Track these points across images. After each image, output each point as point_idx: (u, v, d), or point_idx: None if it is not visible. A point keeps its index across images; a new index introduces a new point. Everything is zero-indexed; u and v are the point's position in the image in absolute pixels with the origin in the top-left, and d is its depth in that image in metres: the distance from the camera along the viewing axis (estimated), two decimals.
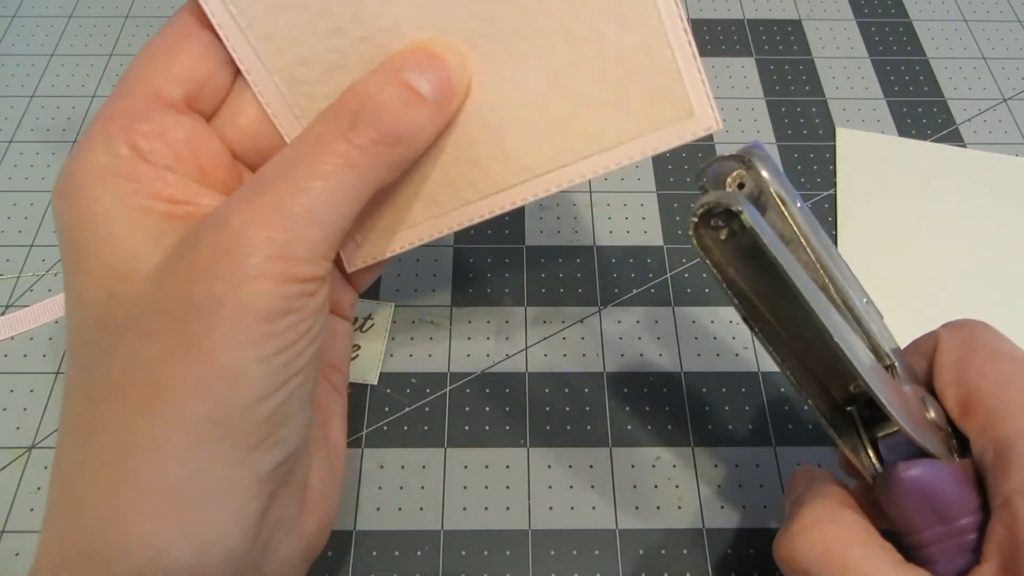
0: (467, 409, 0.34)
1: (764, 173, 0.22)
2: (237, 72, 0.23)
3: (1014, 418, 0.22)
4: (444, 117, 0.22)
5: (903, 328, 0.26)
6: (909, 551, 0.22)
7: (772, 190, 0.22)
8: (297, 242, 0.19)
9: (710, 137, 0.41)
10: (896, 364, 0.24)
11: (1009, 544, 0.20)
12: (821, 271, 0.22)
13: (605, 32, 0.21)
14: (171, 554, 0.19)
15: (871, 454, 0.23)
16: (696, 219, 0.21)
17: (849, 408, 0.24)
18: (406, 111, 0.21)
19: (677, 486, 0.32)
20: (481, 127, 0.23)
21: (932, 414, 0.23)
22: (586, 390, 0.34)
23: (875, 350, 0.24)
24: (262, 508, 0.20)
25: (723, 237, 0.21)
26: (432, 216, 0.24)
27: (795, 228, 0.22)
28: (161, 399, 0.19)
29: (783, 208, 0.22)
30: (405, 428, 0.33)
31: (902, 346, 0.26)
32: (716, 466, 0.32)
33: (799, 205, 0.22)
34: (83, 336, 0.21)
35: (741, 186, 0.22)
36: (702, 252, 0.21)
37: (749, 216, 0.20)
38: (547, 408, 0.34)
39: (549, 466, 0.32)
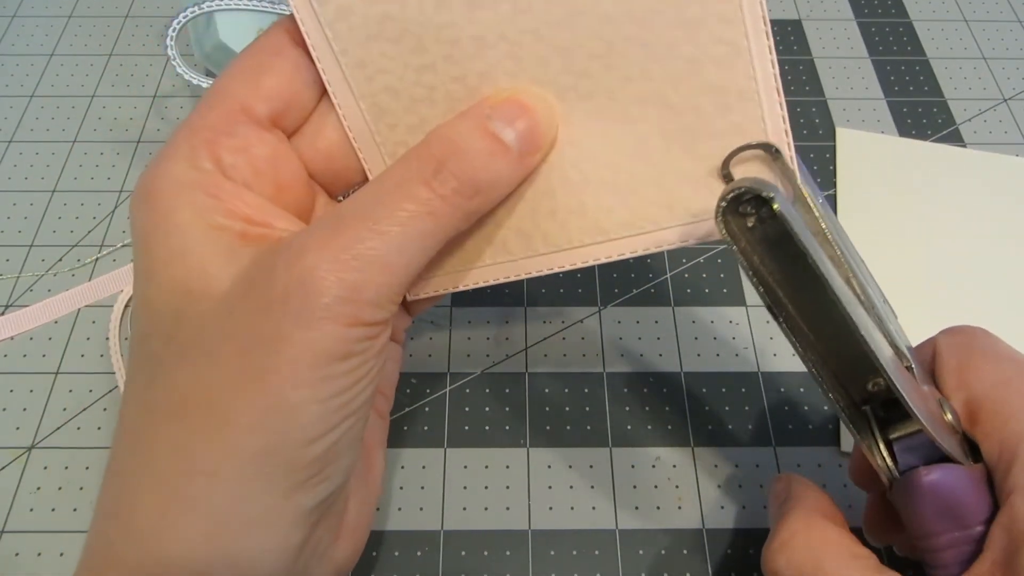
0: (467, 409, 0.34)
1: (792, 165, 0.21)
2: (323, 93, 0.23)
3: (1016, 420, 0.22)
4: (526, 169, 0.22)
5: (903, 327, 0.26)
6: (922, 555, 0.22)
7: (798, 181, 0.21)
8: (368, 286, 0.19)
9: None
10: (913, 365, 0.23)
11: (1006, 540, 0.21)
12: (845, 267, 0.22)
13: (704, 109, 0.21)
14: None
15: (885, 455, 0.23)
16: (725, 203, 0.20)
17: (863, 407, 0.23)
18: (489, 161, 0.21)
19: (677, 486, 0.32)
20: (562, 181, 0.22)
21: (949, 416, 0.23)
22: (586, 390, 0.34)
23: (895, 349, 0.23)
24: (302, 539, 0.21)
25: (750, 224, 0.20)
26: (500, 261, 0.24)
27: (821, 223, 0.21)
28: (220, 427, 0.19)
29: (809, 201, 0.21)
30: (405, 428, 0.33)
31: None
32: (716, 466, 0.32)
33: (821, 201, 0.22)
34: (148, 347, 0.21)
35: None
36: (730, 239, 0.21)
37: (780, 203, 0.19)
38: (547, 408, 0.34)
39: (549, 466, 0.32)
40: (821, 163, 0.41)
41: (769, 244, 0.21)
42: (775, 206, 0.19)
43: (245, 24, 0.37)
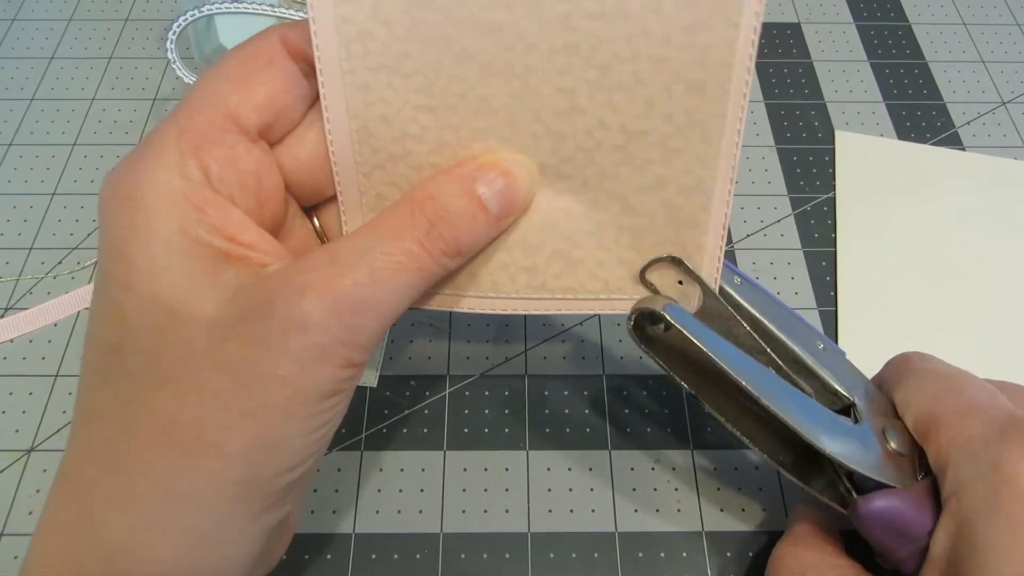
0: (466, 412, 0.34)
1: (705, 275, 0.24)
2: (310, 107, 0.23)
3: (945, 432, 0.24)
4: (499, 230, 0.24)
5: (901, 330, 0.26)
6: (896, 565, 0.25)
7: (714, 283, 0.25)
8: (363, 331, 0.20)
9: None
10: (856, 402, 0.26)
11: (940, 553, 0.23)
12: (759, 340, 0.25)
13: (658, 219, 0.24)
14: None
15: (848, 485, 0.25)
16: (632, 323, 0.25)
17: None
18: (472, 225, 0.22)
19: (676, 489, 0.32)
20: (521, 241, 0.24)
21: (893, 444, 0.25)
22: (585, 392, 0.34)
23: (833, 394, 0.26)
24: (262, 550, 0.22)
25: (663, 329, 0.25)
26: (446, 293, 0.25)
27: (729, 307, 0.25)
28: (206, 456, 0.20)
29: (726, 291, 0.25)
30: (404, 431, 0.33)
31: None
32: (715, 469, 0.32)
33: (738, 282, 0.26)
34: (120, 361, 0.20)
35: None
36: (645, 345, 0.25)
37: (671, 317, 0.23)
38: (546, 411, 0.34)
39: (548, 469, 0.32)
40: (820, 167, 0.42)
41: (684, 341, 0.24)
42: (668, 320, 0.23)
43: (245, 27, 0.38)
